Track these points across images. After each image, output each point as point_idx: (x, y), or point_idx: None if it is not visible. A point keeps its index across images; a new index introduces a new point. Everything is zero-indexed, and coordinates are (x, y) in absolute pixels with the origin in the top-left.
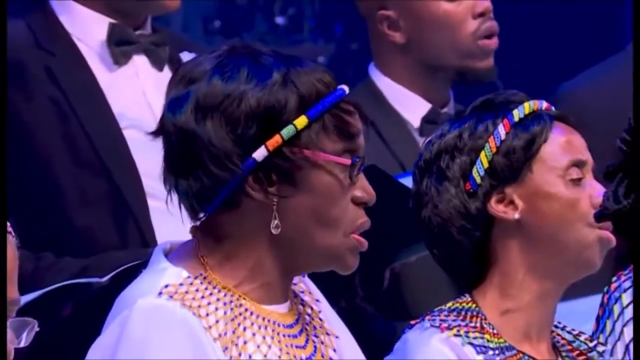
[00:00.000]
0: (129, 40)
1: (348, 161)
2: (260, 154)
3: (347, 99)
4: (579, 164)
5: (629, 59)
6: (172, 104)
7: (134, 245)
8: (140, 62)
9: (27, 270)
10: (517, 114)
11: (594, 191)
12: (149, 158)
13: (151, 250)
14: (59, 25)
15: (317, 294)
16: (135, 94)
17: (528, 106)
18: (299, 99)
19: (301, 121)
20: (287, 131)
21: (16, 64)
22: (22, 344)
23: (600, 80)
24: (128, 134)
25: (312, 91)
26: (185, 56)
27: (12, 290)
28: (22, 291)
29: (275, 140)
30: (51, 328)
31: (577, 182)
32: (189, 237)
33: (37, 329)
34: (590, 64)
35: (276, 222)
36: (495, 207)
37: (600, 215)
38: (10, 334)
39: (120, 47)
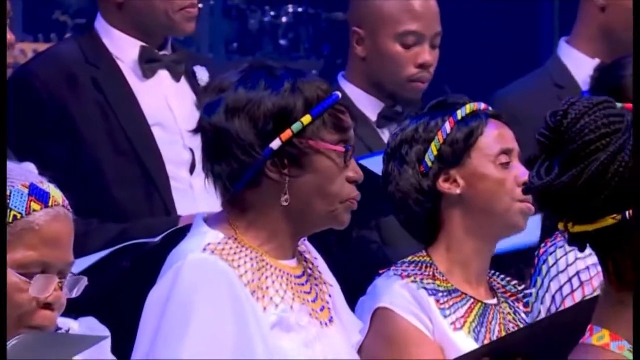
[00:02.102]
0: (154, 59)
1: (342, 149)
2: (276, 144)
3: (340, 102)
4: (507, 152)
5: (546, 72)
6: (208, 108)
7: (160, 215)
8: (163, 75)
9: (79, 232)
10: (460, 114)
11: (519, 172)
12: (171, 149)
13: (175, 217)
14: (103, 46)
15: (315, 253)
16: (160, 100)
17: (469, 107)
18: (305, 102)
19: (306, 119)
20: (296, 127)
21: (70, 75)
22: (74, 296)
23: (525, 88)
24: (155, 130)
25: (314, 96)
26: (198, 69)
27: (69, 255)
28: (75, 249)
29: (287, 134)
30: (113, 279)
31: (505, 165)
32: (201, 209)
33: (86, 283)
34: (519, 76)
35: (286, 196)
36: (443, 185)
37: (527, 190)
38: (65, 290)
39: (148, 64)
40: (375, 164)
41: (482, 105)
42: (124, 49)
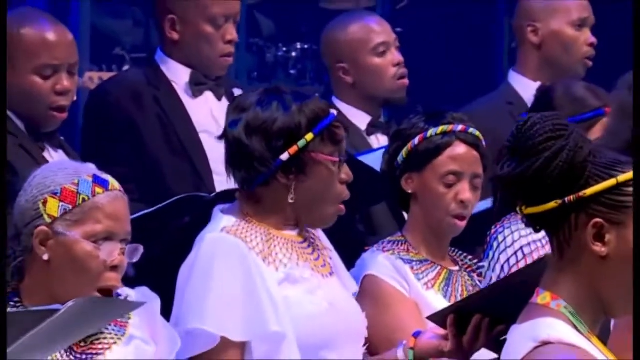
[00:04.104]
0: (201, 82)
1: (336, 159)
2: (284, 156)
3: (337, 119)
4: (456, 174)
5: (500, 93)
6: (232, 124)
7: None
8: (208, 94)
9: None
10: (430, 133)
11: (459, 193)
12: (214, 150)
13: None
14: (161, 73)
15: (319, 229)
16: (206, 113)
17: (442, 128)
18: (308, 121)
19: (309, 136)
20: (301, 143)
21: (136, 94)
22: (133, 260)
23: (485, 105)
24: (202, 136)
25: (316, 116)
26: (235, 90)
27: (127, 226)
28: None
29: (294, 149)
30: (175, 233)
31: (449, 185)
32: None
33: (142, 251)
34: (477, 97)
35: (292, 196)
36: (403, 182)
37: (492, 179)
38: (125, 256)
39: (197, 86)
40: (368, 159)
41: (459, 127)
42: (178, 74)
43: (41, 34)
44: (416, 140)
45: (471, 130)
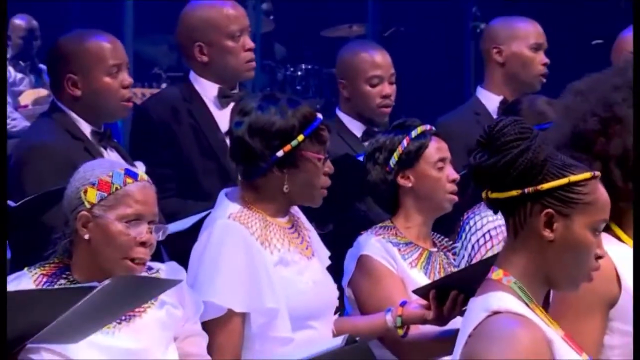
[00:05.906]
0: (227, 95)
1: (322, 156)
2: (280, 153)
3: (323, 123)
4: (442, 159)
5: (469, 106)
6: (236, 124)
7: None
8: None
9: (178, 209)
10: (414, 134)
11: (450, 174)
12: None
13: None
14: (194, 89)
15: (297, 209)
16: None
17: (420, 129)
18: (300, 124)
19: (300, 137)
20: (294, 143)
21: (173, 108)
22: (160, 238)
23: (456, 115)
24: (229, 140)
25: (306, 119)
26: None
27: (154, 209)
28: (176, 220)
29: (287, 147)
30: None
31: (441, 169)
32: None
33: (168, 230)
34: (454, 107)
35: (286, 185)
36: (400, 180)
37: (466, 167)
38: (154, 234)
39: (224, 99)
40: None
41: (428, 127)
42: (208, 90)
43: (101, 42)
44: (405, 142)
45: (433, 127)
